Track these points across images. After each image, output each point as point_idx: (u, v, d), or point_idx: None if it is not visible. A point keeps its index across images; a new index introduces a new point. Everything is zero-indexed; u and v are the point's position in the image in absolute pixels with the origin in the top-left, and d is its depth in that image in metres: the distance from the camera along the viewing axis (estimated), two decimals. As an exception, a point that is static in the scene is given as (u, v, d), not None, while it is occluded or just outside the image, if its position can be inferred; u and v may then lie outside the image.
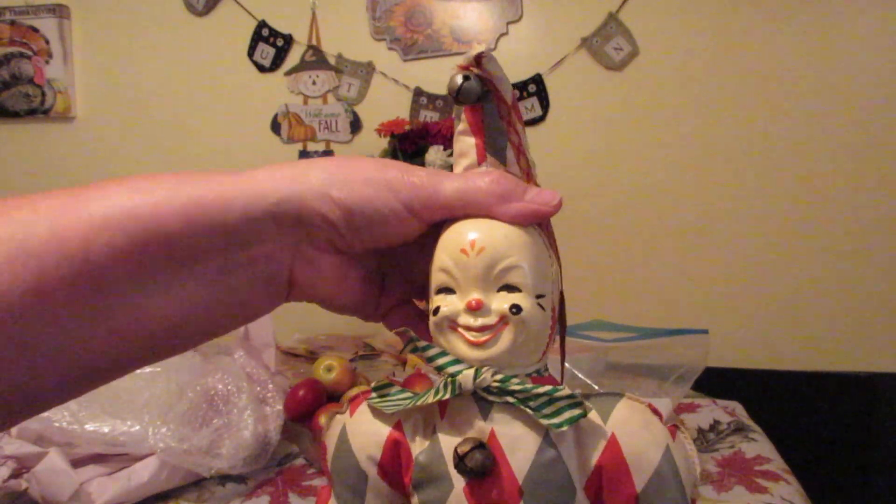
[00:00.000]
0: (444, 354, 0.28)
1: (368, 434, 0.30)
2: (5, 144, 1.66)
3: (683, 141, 1.34)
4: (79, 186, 0.26)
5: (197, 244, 0.26)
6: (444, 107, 1.43)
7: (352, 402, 0.31)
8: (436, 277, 0.28)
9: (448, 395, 0.27)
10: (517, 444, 0.27)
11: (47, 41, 1.59)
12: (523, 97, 1.39)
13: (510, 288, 0.27)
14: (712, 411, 1.00)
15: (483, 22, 1.41)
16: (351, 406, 0.31)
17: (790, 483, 0.77)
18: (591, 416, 0.27)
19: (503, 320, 0.27)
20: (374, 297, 0.33)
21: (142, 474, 0.74)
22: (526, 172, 0.30)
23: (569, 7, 1.37)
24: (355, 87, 1.48)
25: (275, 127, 1.53)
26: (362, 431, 0.30)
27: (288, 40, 1.50)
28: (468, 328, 0.27)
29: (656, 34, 1.33)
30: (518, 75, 1.39)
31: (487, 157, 0.30)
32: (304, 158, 1.03)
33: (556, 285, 0.29)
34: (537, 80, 1.39)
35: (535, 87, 1.39)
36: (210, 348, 0.91)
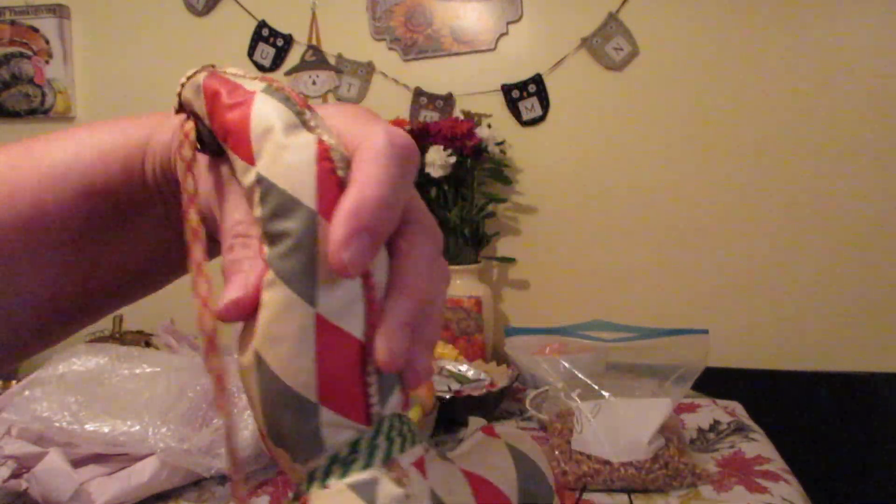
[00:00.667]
0: None
1: None
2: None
3: (683, 141, 1.34)
4: (32, 138, 0.26)
5: (138, 193, 0.26)
6: (444, 107, 1.43)
7: None
8: None
9: None
10: None
11: (47, 41, 1.59)
12: (523, 97, 1.39)
13: None
14: (712, 411, 1.00)
15: (483, 22, 1.41)
16: None
17: (790, 483, 0.77)
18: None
19: None
20: None
21: (142, 474, 0.74)
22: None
23: (569, 7, 1.37)
24: (355, 87, 1.48)
25: (275, 127, 1.53)
26: None
27: (288, 40, 1.50)
28: None
29: (656, 34, 1.33)
30: (518, 75, 1.39)
31: None
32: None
33: None
34: (537, 80, 1.39)
35: (535, 87, 1.39)
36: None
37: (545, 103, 1.39)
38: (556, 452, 0.79)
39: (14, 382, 0.98)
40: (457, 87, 1.43)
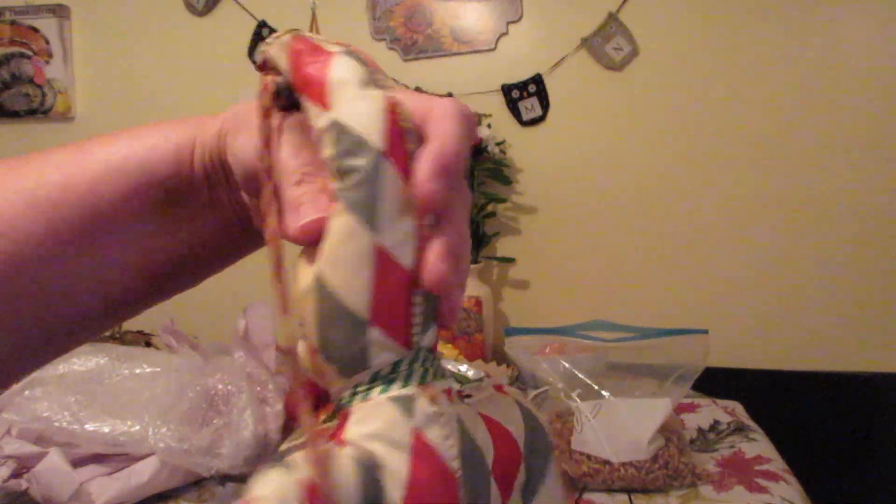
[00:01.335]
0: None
1: None
2: (5, 144, 1.66)
3: (683, 141, 1.34)
4: (83, 140, 0.29)
5: (185, 183, 0.29)
6: (444, 107, 1.43)
7: None
8: None
9: None
10: None
11: (47, 41, 1.59)
12: (523, 97, 1.39)
13: None
14: (712, 411, 1.00)
15: (483, 22, 1.41)
16: None
17: (790, 483, 0.77)
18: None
19: None
20: None
21: (142, 474, 0.74)
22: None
23: (569, 7, 1.37)
24: (355, 87, 1.48)
25: (275, 127, 1.53)
26: None
27: (288, 40, 1.50)
28: None
29: (656, 34, 1.33)
30: (518, 75, 1.39)
31: None
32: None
33: None
34: (537, 80, 1.39)
35: (535, 87, 1.39)
36: (210, 348, 0.91)
37: (545, 103, 1.39)
38: (556, 452, 0.79)
39: (14, 382, 0.98)
40: (457, 87, 1.43)
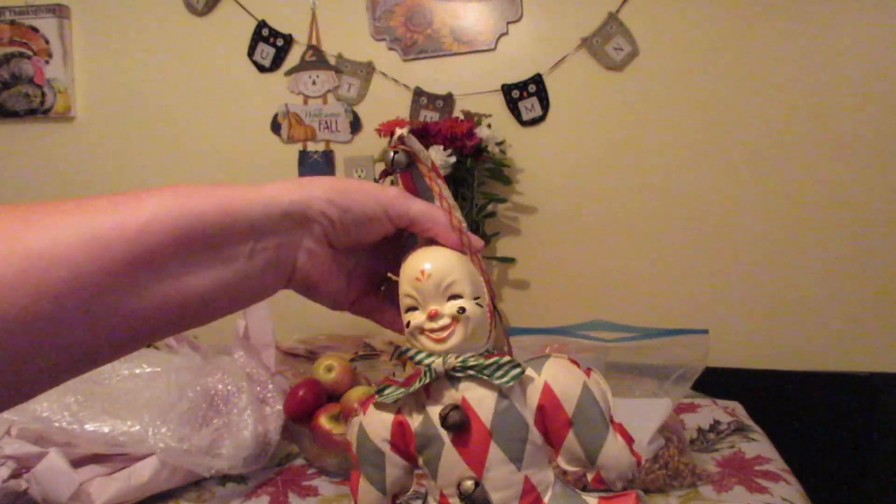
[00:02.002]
0: (420, 352, 0.39)
1: (378, 423, 0.41)
2: (5, 144, 1.66)
3: (683, 141, 1.34)
4: (137, 190, 0.34)
5: (229, 234, 0.35)
6: (444, 107, 1.43)
7: (363, 404, 0.42)
8: (403, 301, 0.40)
9: (428, 380, 0.38)
10: (482, 402, 0.38)
11: (47, 41, 1.59)
12: (523, 97, 1.39)
13: (455, 296, 0.38)
14: (712, 411, 1.00)
15: (483, 22, 1.41)
16: (363, 406, 0.42)
17: (790, 483, 0.77)
18: (529, 373, 0.39)
19: (454, 320, 0.38)
20: (346, 287, 0.42)
21: (142, 474, 0.74)
22: (448, 211, 0.41)
23: (569, 7, 1.37)
24: (355, 87, 1.48)
25: (275, 127, 1.53)
26: (374, 421, 0.41)
27: (288, 40, 1.50)
28: (431, 331, 0.38)
29: (656, 34, 1.33)
30: (518, 75, 1.39)
31: None
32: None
33: (486, 290, 0.40)
34: (537, 80, 1.39)
35: (535, 87, 1.39)
36: (210, 348, 0.91)
37: (545, 103, 1.39)
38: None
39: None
40: (457, 87, 1.43)
